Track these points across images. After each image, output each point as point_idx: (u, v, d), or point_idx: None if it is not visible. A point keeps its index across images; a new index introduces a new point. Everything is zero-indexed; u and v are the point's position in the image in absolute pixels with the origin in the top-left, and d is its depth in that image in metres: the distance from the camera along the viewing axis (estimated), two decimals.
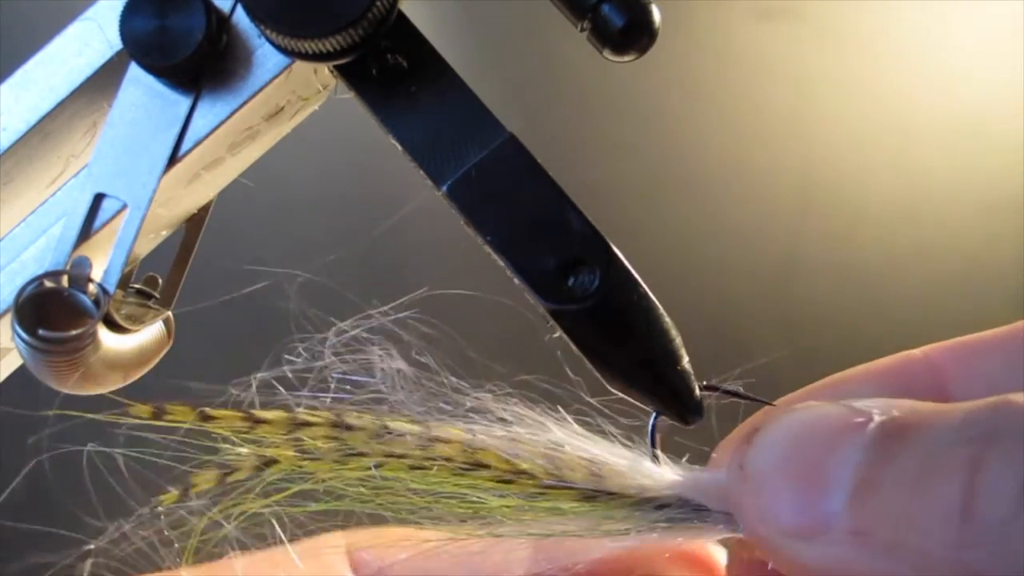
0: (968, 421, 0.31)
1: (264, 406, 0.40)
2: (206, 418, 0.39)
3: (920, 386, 0.40)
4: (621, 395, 0.39)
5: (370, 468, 0.39)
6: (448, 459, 0.39)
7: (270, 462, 0.39)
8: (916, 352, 0.42)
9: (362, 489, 0.39)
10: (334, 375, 0.40)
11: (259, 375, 0.40)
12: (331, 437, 0.39)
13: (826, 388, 0.41)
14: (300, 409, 0.40)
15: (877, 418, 0.33)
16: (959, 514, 0.30)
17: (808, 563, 0.33)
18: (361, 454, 0.39)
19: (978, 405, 0.32)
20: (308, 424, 0.39)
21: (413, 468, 0.39)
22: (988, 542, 0.29)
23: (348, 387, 0.40)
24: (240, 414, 0.40)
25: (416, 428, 0.40)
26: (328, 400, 0.40)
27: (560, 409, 0.41)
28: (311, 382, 0.40)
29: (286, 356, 0.40)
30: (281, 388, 0.40)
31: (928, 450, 0.31)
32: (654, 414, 0.39)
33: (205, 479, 0.39)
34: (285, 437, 0.39)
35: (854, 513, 0.32)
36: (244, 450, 0.39)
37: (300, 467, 0.39)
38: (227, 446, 0.39)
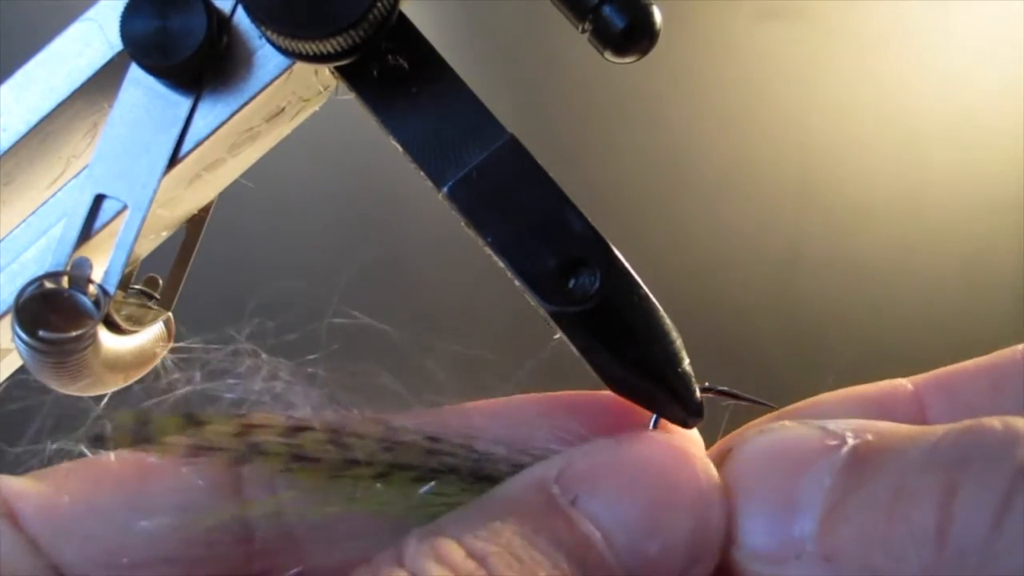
0: (942, 445, 0.31)
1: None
2: (195, 423, 0.38)
3: (900, 414, 0.40)
4: (621, 396, 0.39)
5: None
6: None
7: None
8: (903, 381, 0.42)
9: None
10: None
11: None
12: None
13: (803, 411, 0.41)
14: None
15: (850, 441, 0.33)
16: (934, 539, 0.30)
17: None
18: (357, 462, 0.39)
19: (952, 429, 0.32)
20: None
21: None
22: (964, 567, 0.29)
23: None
24: (233, 417, 0.39)
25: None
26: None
27: None
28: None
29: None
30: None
31: (901, 474, 0.31)
32: (654, 416, 0.39)
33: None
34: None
35: (825, 537, 0.32)
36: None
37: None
38: None
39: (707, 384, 0.40)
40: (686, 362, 0.38)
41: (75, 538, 0.38)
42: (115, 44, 0.38)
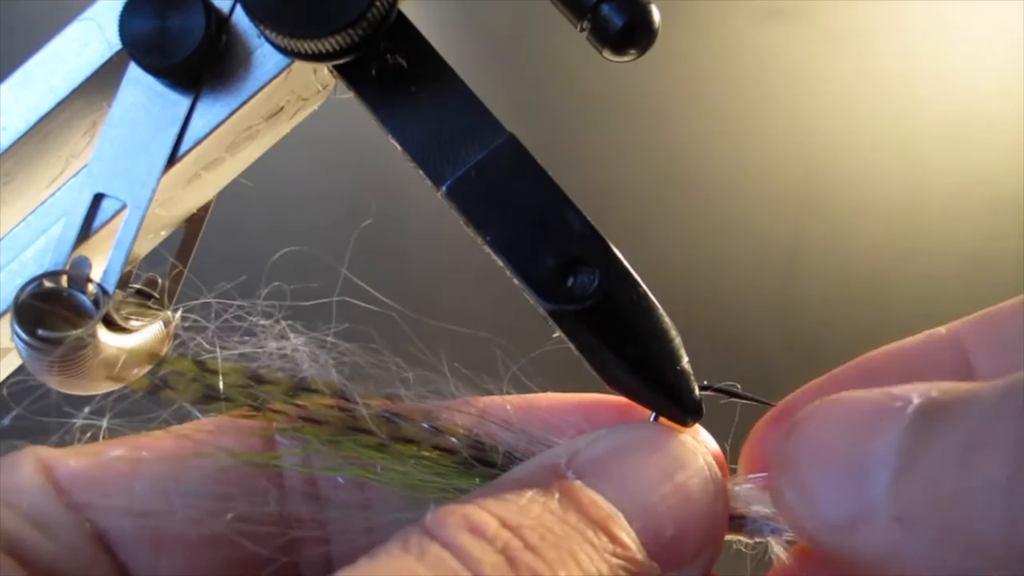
0: (1009, 394, 0.30)
1: None
2: (207, 371, 0.39)
3: (945, 363, 0.40)
4: (620, 394, 0.39)
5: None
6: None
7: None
8: (940, 330, 0.41)
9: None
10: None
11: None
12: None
13: (853, 371, 0.41)
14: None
15: (916, 400, 0.32)
16: (1005, 489, 0.28)
17: (856, 554, 0.32)
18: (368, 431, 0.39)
19: (1017, 378, 0.31)
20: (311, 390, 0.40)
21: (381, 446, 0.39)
22: None
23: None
24: (244, 370, 0.40)
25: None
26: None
27: None
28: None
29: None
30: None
31: (971, 427, 0.30)
32: (653, 415, 0.39)
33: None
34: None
35: (897, 498, 0.31)
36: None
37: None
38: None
39: (706, 382, 0.40)
40: (685, 360, 0.38)
41: (116, 498, 0.40)
42: (114, 43, 0.38)
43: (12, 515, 0.38)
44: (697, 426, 0.40)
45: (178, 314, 0.42)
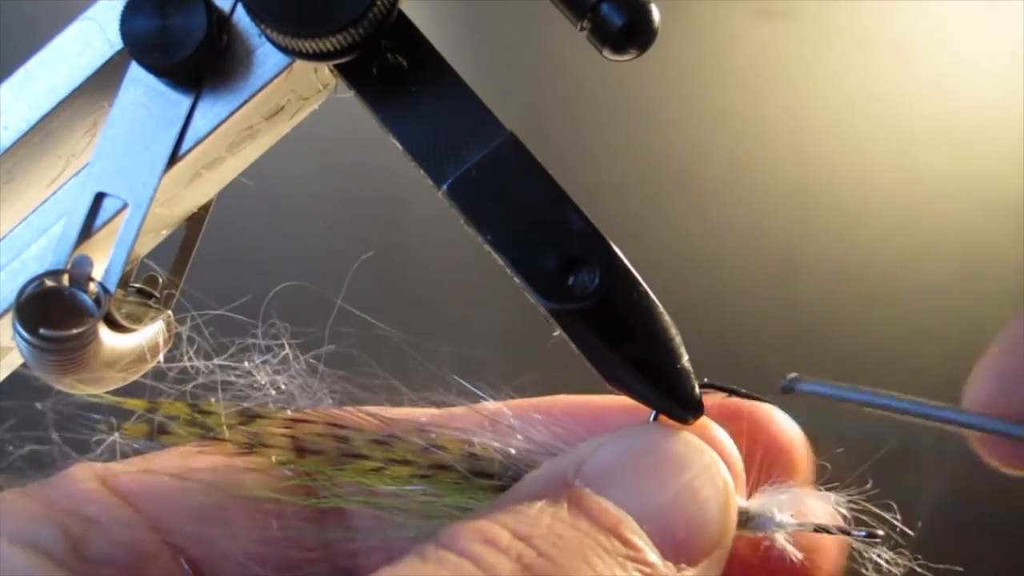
0: None
1: None
2: (202, 412, 0.40)
3: None
4: (620, 393, 0.39)
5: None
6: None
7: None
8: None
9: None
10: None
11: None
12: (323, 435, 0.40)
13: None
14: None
15: None
16: None
17: None
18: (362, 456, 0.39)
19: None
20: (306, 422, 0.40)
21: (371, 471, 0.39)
22: None
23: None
24: (238, 408, 0.40)
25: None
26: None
27: None
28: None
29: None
30: None
31: None
32: (653, 412, 0.39)
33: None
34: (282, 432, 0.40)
35: None
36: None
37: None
38: None
39: (706, 380, 0.40)
40: (685, 358, 0.38)
41: (172, 502, 0.41)
42: (115, 43, 0.38)
43: (71, 516, 0.39)
44: (712, 423, 0.40)
45: (185, 326, 0.42)
